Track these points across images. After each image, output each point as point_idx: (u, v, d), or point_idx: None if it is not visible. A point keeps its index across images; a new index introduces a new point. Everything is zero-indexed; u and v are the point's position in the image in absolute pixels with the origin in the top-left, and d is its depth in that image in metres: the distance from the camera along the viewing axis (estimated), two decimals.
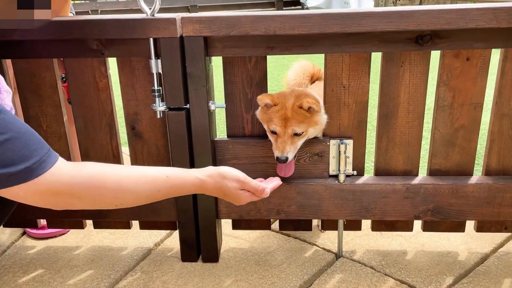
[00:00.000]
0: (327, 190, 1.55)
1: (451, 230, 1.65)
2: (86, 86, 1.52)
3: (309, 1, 10.24)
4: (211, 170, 1.14)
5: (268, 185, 1.21)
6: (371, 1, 9.77)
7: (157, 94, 1.43)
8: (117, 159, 1.61)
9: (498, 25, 1.28)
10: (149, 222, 1.73)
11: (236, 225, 1.73)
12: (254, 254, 1.71)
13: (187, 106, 1.46)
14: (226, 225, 1.80)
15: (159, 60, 1.40)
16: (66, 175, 0.97)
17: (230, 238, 1.81)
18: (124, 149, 1.71)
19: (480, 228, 1.64)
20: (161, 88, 1.44)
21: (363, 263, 1.64)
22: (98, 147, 1.59)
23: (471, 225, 1.67)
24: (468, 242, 1.74)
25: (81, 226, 1.77)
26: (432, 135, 1.52)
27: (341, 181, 1.54)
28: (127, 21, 1.36)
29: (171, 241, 1.82)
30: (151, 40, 1.38)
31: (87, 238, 1.85)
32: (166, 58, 1.39)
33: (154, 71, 1.41)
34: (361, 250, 1.71)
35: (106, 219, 1.69)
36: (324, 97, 1.49)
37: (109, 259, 1.71)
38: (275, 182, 1.26)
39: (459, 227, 1.64)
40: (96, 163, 1.06)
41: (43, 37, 1.39)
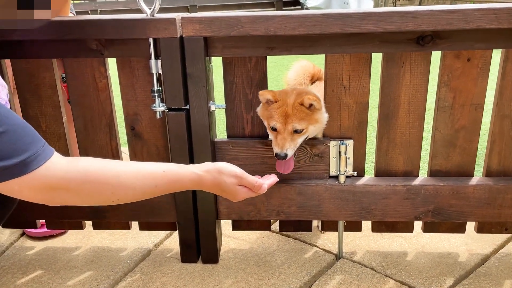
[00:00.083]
0: (327, 191, 1.55)
1: (451, 231, 1.65)
2: (86, 86, 1.51)
3: (308, 1, 10.23)
4: (208, 165, 1.13)
5: (265, 181, 1.20)
6: (371, 1, 9.76)
7: (157, 94, 1.43)
8: (116, 159, 1.60)
9: (499, 26, 1.28)
10: (148, 223, 1.73)
11: (236, 226, 1.73)
12: (254, 255, 1.71)
13: (187, 106, 1.46)
14: (226, 226, 1.79)
15: (159, 61, 1.40)
16: (62, 169, 0.96)
17: (230, 239, 1.81)
18: (123, 149, 1.71)
19: (480, 229, 1.64)
20: (161, 88, 1.44)
21: (363, 264, 1.64)
22: (98, 148, 1.59)
23: (471, 226, 1.67)
24: (469, 243, 1.73)
25: (80, 227, 1.77)
26: (433, 135, 1.52)
27: (341, 182, 1.54)
28: (127, 21, 1.36)
29: (171, 242, 1.81)
30: (151, 40, 1.37)
31: (86, 238, 1.84)
32: (166, 58, 1.39)
33: (154, 71, 1.41)
34: (362, 251, 1.71)
35: (106, 219, 1.69)
36: (325, 97, 1.48)
37: (108, 260, 1.70)
38: (272, 178, 1.25)
39: (460, 228, 1.64)
40: (93, 158, 1.04)
41: (43, 37, 1.39)
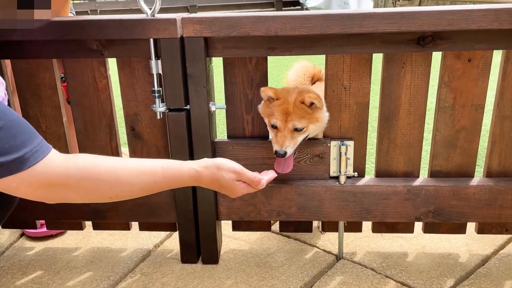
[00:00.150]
0: (328, 192, 1.55)
1: (452, 232, 1.65)
2: (86, 86, 1.51)
3: (308, 1, 10.22)
4: (207, 161, 1.12)
5: (264, 177, 1.19)
6: (371, 1, 9.76)
7: (157, 95, 1.43)
8: None
9: (500, 27, 1.28)
10: (148, 224, 1.72)
11: (236, 227, 1.72)
12: (254, 255, 1.71)
13: (187, 107, 1.46)
14: (226, 226, 1.79)
15: (159, 61, 1.40)
16: (60, 166, 0.95)
17: (230, 240, 1.80)
18: (123, 150, 1.71)
19: (481, 230, 1.64)
20: (161, 89, 1.44)
21: (363, 265, 1.63)
22: (98, 148, 1.58)
23: (472, 227, 1.67)
24: (469, 244, 1.73)
25: (80, 227, 1.76)
26: (433, 136, 1.51)
27: (342, 183, 1.54)
28: (127, 21, 1.36)
29: (171, 242, 1.81)
30: (151, 40, 1.37)
31: (86, 239, 1.84)
32: (166, 58, 1.39)
33: (154, 71, 1.41)
34: (362, 252, 1.71)
35: (106, 220, 1.69)
36: (325, 98, 1.48)
37: (108, 260, 1.70)
38: (270, 174, 1.24)
39: (460, 229, 1.64)
40: (91, 154, 1.04)
41: (43, 37, 1.39)
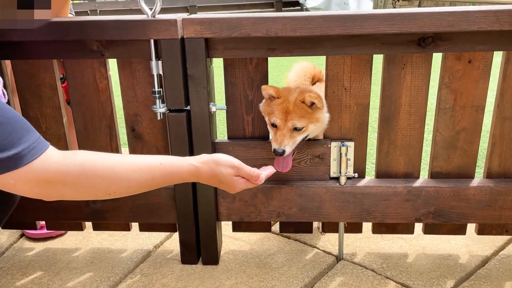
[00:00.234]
0: (328, 193, 1.55)
1: (452, 233, 1.65)
2: (86, 87, 1.51)
3: (308, 1, 10.22)
4: (205, 157, 1.12)
5: (263, 172, 1.19)
6: (370, 1, 9.76)
7: (157, 95, 1.43)
8: None
9: (501, 28, 1.28)
10: (148, 224, 1.72)
11: (236, 227, 1.72)
12: (255, 256, 1.71)
13: (188, 107, 1.45)
14: (226, 227, 1.79)
15: (159, 62, 1.40)
16: (58, 162, 0.95)
17: (231, 240, 1.80)
18: (124, 150, 1.70)
19: (481, 231, 1.64)
20: (161, 89, 1.44)
21: (364, 266, 1.63)
22: (98, 149, 1.58)
23: (472, 228, 1.67)
24: (469, 245, 1.73)
25: (80, 228, 1.76)
26: (434, 137, 1.51)
27: (342, 184, 1.54)
28: (128, 22, 1.35)
29: (171, 243, 1.81)
30: (152, 41, 1.37)
31: (86, 240, 1.84)
32: (166, 59, 1.39)
33: (154, 72, 1.41)
34: (362, 253, 1.71)
35: (106, 221, 1.68)
36: (325, 99, 1.48)
37: (108, 261, 1.70)
38: (269, 170, 1.23)
39: (460, 230, 1.64)
40: (88, 151, 1.03)
41: (43, 37, 1.39)
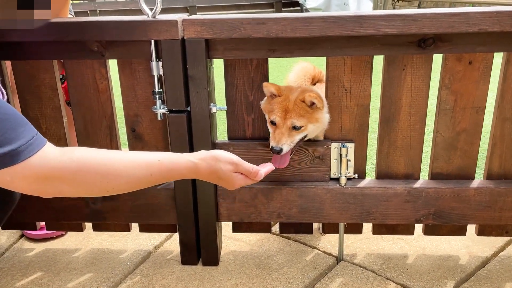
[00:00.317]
0: (328, 193, 1.55)
1: (452, 234, 1.65)
2: (86, 87, 1.51)
3: (308, 2, 10.22)
4: (204, 153, 1.11)
5: (262, 169, 1.18)
6: (370, 2, 9.76)
7: (158, 96, 1.43)
8: None
9: (501, 29, 1.28)
10: (148, 225, 1.72)
11: (236, 228, 1.72)
12: (255, 257, 1.70)
13: (188, 108, 1.45)
14: (226, 227, 1.79)
15: (160, 62, 1.40)
16: (55, 159, 0.95)
17: (231, 241, 1.80)
18: (124, 150, 1.70)
19: (481, 232, 1.64)
20: (162, 90, 1.44)
21: (364, 266, 1.63)
22: None
23: (472, 229, 1.67)
24: (469, 246, 1.73)
25: (80, 229, 1.76)
26: (434, 138, 1.51)
27: (342, 184, 1.54)
28: (128, 22, 1.35)
29: (171, 243, 1.81)
30: (152, 42, 1.37)
31: (86, 240, 1.83)
32: (167, 60, 1.39)
33: (155, 73, 1.41)
34: (362, 254, 1.71)
35: (106, 221, 1.68)
36: (326, 99, 1.48)
37: (108, 262, 1.70)
38: (268, 167, 1.23)
39: (460, 231, 1.64)
40: (86, 148, 1.03)
41: (43, 38, 1.39)
